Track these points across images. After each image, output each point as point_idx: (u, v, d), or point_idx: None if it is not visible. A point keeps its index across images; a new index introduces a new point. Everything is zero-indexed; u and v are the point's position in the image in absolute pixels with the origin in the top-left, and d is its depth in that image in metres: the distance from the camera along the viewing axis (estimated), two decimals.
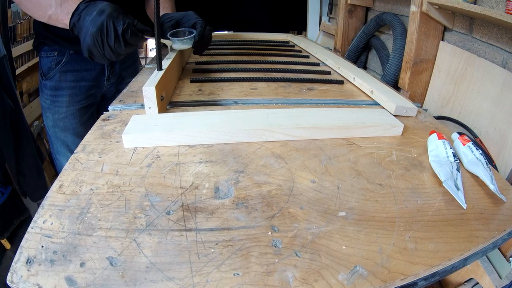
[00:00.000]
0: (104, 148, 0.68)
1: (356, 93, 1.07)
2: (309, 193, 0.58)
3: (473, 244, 0.50)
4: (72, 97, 1.18)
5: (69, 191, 0.55)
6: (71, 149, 1.24)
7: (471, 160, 0.68)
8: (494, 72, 1.18)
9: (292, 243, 0.48)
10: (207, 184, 0.58)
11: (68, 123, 1.21)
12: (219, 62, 1.34)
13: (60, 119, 1.19)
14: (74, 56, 1.17)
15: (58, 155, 1.28)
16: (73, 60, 1.17)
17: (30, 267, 0.42)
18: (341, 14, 2.13)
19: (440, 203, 0.58)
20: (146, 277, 0.42)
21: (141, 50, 4.64)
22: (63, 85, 1.16)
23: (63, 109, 1.18)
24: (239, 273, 0.43)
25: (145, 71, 1.23)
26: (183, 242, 0.47)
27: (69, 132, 1.22)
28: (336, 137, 0.76)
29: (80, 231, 0.47)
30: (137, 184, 0.57)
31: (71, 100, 1.18)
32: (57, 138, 1.23)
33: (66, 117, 1.19)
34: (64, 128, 1.21)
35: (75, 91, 1.18)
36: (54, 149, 1.28)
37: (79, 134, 1.22)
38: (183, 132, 0.69)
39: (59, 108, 1.18)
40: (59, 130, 1.21)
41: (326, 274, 0.43)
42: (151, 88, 0.76)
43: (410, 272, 0.45)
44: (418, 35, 1.43)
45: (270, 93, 1.02)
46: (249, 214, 0.52)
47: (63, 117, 1.19)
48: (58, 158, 1.28)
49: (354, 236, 0.50)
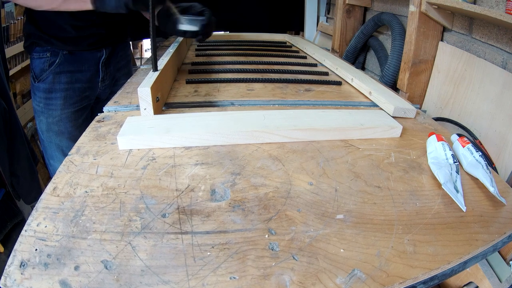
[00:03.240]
0: (98, 150, 0.67)
1: (354, 94, 1.07)
2: (307, 196, 0.57)
3: (473, 247, 0.50)
4: (67, 100, 1.16)
5: (63, 193, 0.54)
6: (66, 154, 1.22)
7: (471, 162, 0.67)
8: (494, 73, 1.17)
9: (289, 246, 0.47)
10: (203, 187, 0.58)
11: (63, 126, 1.18)
12: (215, 63, 1.34)
13: (55, 122, 1.17)
14: (68, 57, 1.15)
15: (52, 160, 1.25)
16: (67, 61, 1.15)
17: (23, 270, 0.41)
18: (339, 14, 2.13)
19: (439, 205, 0.57)
20: (142, 281, 0.41)
21: (136, 50, 4.64)
22: (57, 87, 1.14)
23: (58, 112, 1.16)
24: (235, 277, 0.43)
25: (140, 71, 1.22)
26: (179, 245, 0.46)
27: (64, 136, 1.20)
28: (334, 139, 0.75)
29: (75, 234, 0.47)
30: (132, 186, 0.57)
31: (66, 103, 1.16)
32: (51, 143, 1.21)
33: (60, 120, 1.17)
34: (59, 132, 1.19)
35: (70, 93, 1.16)
36: (47, 154, 1.25)
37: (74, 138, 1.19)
38: (179, 133, 0.69)
39: (53, 111, 1.16)
40: (53, 135, 1.19)
41: (323, 278, 0.43)
42: (146, 89, 0.75)
43: (408, 276, 0.44)
44: (417, 35, 1.43)
45: (267, 94, 1.01)
46: (245, 217, 0.52)
47: (57, 121, 1.17)
48: (52, 163, 1.26)
49: (352, 239, 0.49)
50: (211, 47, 1.64)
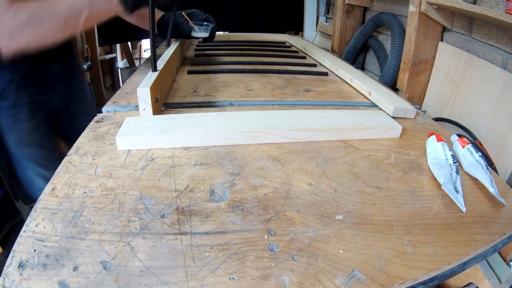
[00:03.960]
0: (97, 151, 0.67)
1: (354, 94, 1.07)
2: (306, 196, 0.57)
3: (473, 248, 0.49)
4: (32, 112, 1.12)
5: (62, 194, 0.54)
6: (39, 163, 1.19)
7: (471, 163, 0.67)
8: (494, 73, 1.17)
9: (288, 247, 0.47)
10: (202, 187, 0.58)
11: (33, 137, 1.15)
12: (214, 63, 1.33)
13: (25, 135, 1.14)
14: (29, 73, 1.09)
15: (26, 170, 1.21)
16: (28, 76, 1.09)
17: (22, 271, 0.41)
18: (339, 14, 2.13)
19: (439, 206, 0.57)
20: (140, 282, 0.41)
21: (135, 51, 4.62)
22: (21, 102, 1.10)
23: (26, 124, 1.12)
24: (234, 278, 0.42)
25: (140, 72, 1.22)
26: (178, 246, 0.46)
27: (35, 146, 1.17)
28: (333, 139, 0.75)
29: (73, 235, 0.47)
30: (131, 187, 0.57)
31: (32, 114, 1.13)
32: (24, 156, 1.18)
33: (30, 132, 1.14)
34: (30, 143, 1.16)
35: (35, 106, 1.13)
36: (21, 166, 1.21)
37: (44, 146, 1.19)
38: (178, 134, 0.68)
39: (21, 124, 1.12)
40: (25, 147, 1.16)
41: (323, 279, 0.43)
42: (145, 90, 0.75)
43: (408, 277, 0.44)
44: (417, 35, 1.43)
45: (266, 95, 1.01)
46: (245, 218, 0.52)
47: (28, 133, 1.14)
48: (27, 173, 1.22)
49: (351, 240, 0.49)
50: (210, 47, 1.64)
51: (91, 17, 0.81)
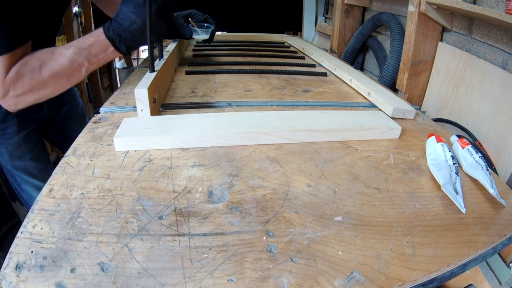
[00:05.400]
0: (95, 151, 0.67)
1: (353, 95, 1.07)
2: (305, 197, 0.57)
3: (473, 249, 0.49)
4: (20, 125, 1.12)
5: (59, 195, 0.54)
6: (33, 174, 1.19)
7: (470, 164, 0.67)
8: (494, 73, 1.17)
9: (287, 248, 0.47)
10: (200, 188, 0.57)
11: (23, 149, 1.16)
12: (212, 63, 1.33)
13: (15, 149, 1.14)
14: None
15: (23, 185, 1.22)
16: None
17: (19, 273, 0.41)
18: (338, 14, 2.13)
19: (439, 207, 0.57)
20: (138, 283, 0.41)
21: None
22: (9, 116, 1.09)
23: (15, 138, 1.13)
24: (233, 279, 0.42)
25: (137, 72, 1.22)
26: (176, 247, 0.46)
27: (26, 158, 1.17)
28: (332, 140, 0.75)
29: (71, 236, 0.47)
30: (129, 188, 0.57)
31: (20, 128, 1.13)
32: (17, 169, 1.18)
33: (20, 145, 1.15)
34: (21, 155, 1.16)
35: (22, 119, 1.12)
36: (17, 181, 1.22)
37: (36, 157, 1.18)
38: (176, 135, 0.68)
39: (10, 138, 1.12)
40: (17, 161, 1.16)
41: (322, 280, 0.43)
42: (143, 90, 0.75)
43: (408, 278, 0.44)
44: (416, 35, 1.43)
45: (265, 95, 1.01)
46: (243, 219, 0.52)
47: (17, 146, 1.14)
48: (24, 188, 1.22)
49: (350, 241, 0.49)
50: (208, 48, 1.63)
51: (92, 66, 0.82)
